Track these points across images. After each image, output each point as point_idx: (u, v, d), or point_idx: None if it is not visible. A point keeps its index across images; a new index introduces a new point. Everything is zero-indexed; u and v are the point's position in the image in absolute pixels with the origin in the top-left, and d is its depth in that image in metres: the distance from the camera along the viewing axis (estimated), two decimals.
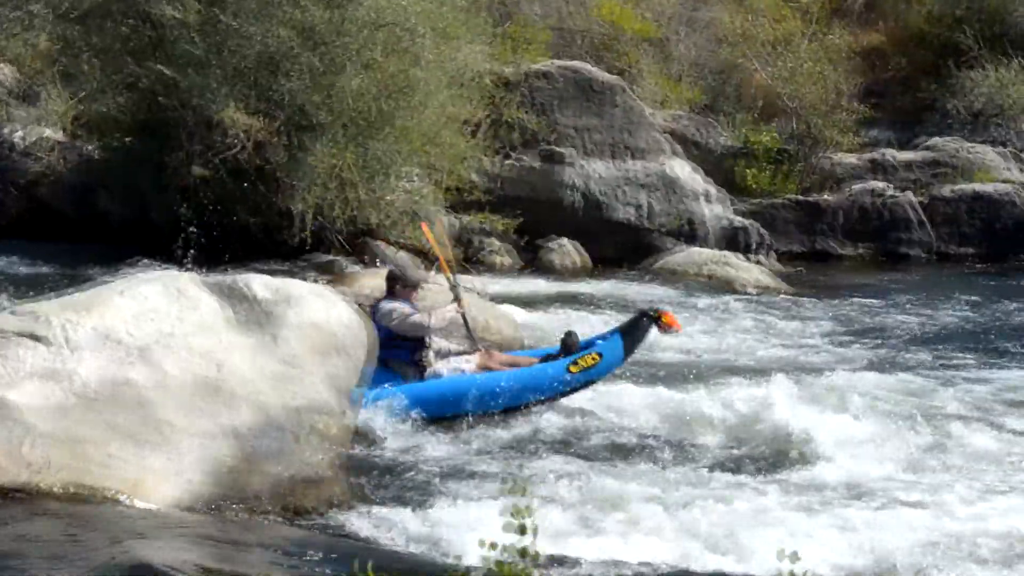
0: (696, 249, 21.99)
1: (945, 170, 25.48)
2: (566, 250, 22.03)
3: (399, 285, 12.47)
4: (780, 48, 27.59)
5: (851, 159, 25.86)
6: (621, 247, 22.44)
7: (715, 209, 23.16)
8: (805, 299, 19.45)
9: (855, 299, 19.46)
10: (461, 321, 12.63)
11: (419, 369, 12.21)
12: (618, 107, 23.11)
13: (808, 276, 21.79)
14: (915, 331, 17.36)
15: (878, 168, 25.60)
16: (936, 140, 27.11)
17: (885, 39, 35.96)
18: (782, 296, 19.83)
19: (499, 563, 4.80)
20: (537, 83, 23.06)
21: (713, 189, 23.41)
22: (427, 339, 12.27)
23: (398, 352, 12.11)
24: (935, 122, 31.53)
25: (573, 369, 12.22)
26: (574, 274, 21.19)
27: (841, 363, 15.18)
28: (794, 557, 4.77)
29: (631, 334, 12.51)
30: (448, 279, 12.95)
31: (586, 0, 29.70)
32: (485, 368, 12.28)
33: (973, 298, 19.44)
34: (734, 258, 21.52)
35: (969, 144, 26.56)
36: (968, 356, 15.72)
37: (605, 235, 22.43)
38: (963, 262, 23.06)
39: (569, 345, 12.44)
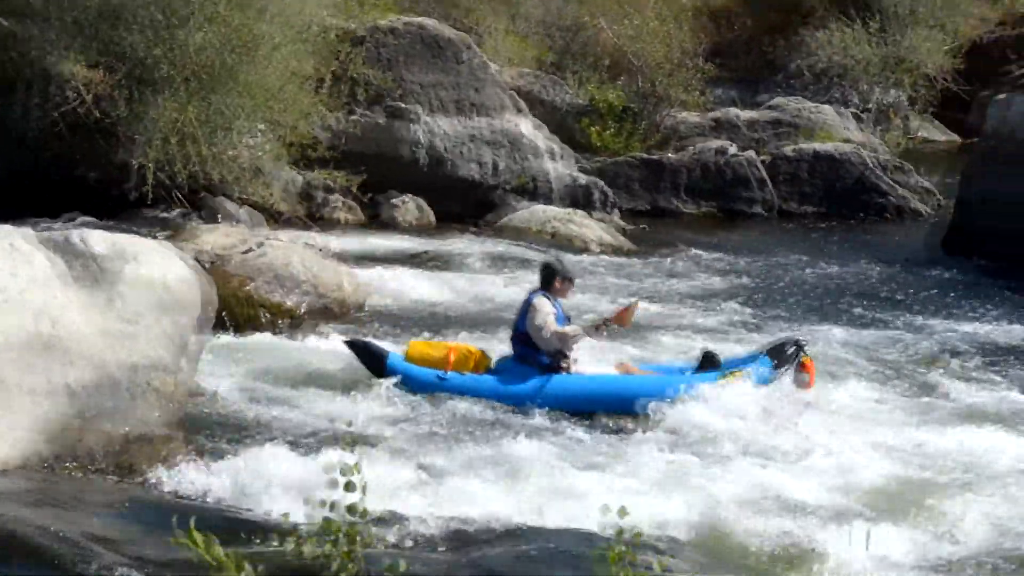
0: (540, 207, 22.04)
1: (788, 129, 25.83)
2: (410, 207, 21.96)
3: (558, 279, 12.02)
4: (627, 6, 27.71)
5: (695, 118, 26.09)
6: (466, 204, 22.42)
7: (560, 167, 23.24)
8: (647, 257, 19.67)
9: (695, 255, 19.73)
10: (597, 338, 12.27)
11: (553, 370, 11.89)
12: (464, 64, 23.04)
13: (651, 234, 21.98)
14: (751, 287, 17.66)
15: (722, 127, 25.87)
16: (779, 100, 27.46)
17: None
18: (626, 254, 20.02)
19: (327, 520, 4.80)
20: (383, 39, 22.89)
21: (558, 147, 23.48)
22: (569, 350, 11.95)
23: (540, 356, 11.88)
24: (779, 82, 31.97)
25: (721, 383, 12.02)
26: (418, 231, 21.15)
27: (679, 318, 15.44)
28: (622, 511, 4.82)
29: (779, 359, 12.21)
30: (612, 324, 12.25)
31: None
32: None
33: (810, 257, 19.79)
34: (578, 216, 21.62)
35: (812, 104, 26.94)
36: (802, 311, 16.05)
37: (450, 192, 22.38)
38: (804, 220, 23.40)
39: (714, 362, 12.16)
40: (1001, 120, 19.89)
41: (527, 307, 11.83)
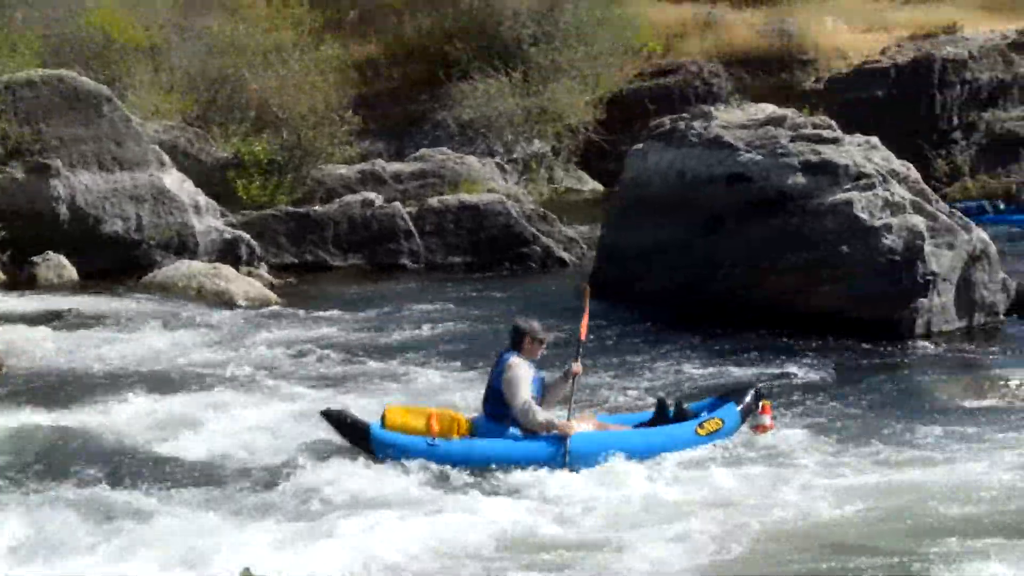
0: (187, 262, 21.70)
1: (434, 181, 26.11)
2: (53, 264, 21.37)
3: (527, 339, 12.01)
4: (271, 58, 27.65)
5: (342, 170, 26.16)
6: (113, 261, 21.94)
7: (207, 221, 22.97)
8: (295, 310, 19.58)
9: (342, 309, 19.70)
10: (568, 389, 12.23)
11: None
12: (105, 117, 22.57)
13: (300, 287, 21.91)
14: (397, 340, 17.73)
15: (369, 179, 25.99)
16: (425, 151, 27.75)
17: (379, 51, 36.73)
18: (273, 308, 19.89)
19: None
20: (21, 92, 22.28)
21: (204, 201, 23.21)
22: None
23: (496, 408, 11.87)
24: (427, 133, 32.41)
25: (700, 432, 12.24)
26: (61, 290, 20.58)
27: (312, 375, 15.44)
28: (246, 573, 4.80)
29: (743, 404, 12.59)
30: (581, 343, 12.52)
31: (77, 7, 28.97)
32: None
33: (459, 307, 19.97)
34: (226, 270, 21.37)
35: (456, 155, 27.32)
36: (451, 361, 16.19)
37: (96, 249, 21.88)
38: (452, 271, 23.65)
39: (682, 411, 12.36)
40: (638, 169, 20.52)
41: (502, 366, 11.85)
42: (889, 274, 17.39)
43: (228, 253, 22.53)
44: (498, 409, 11.87)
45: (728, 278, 18.50)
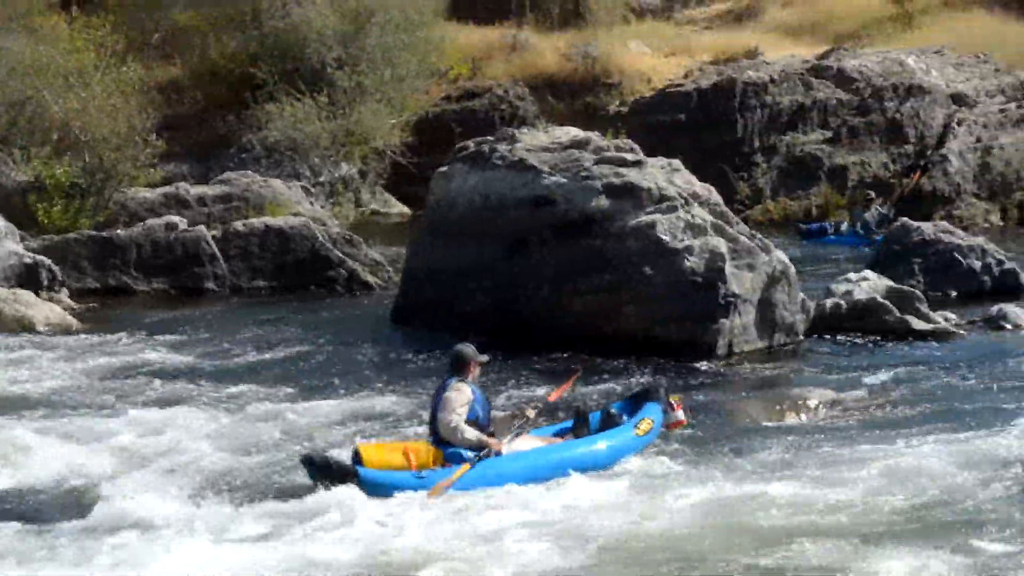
0: None
1: (238, 204, 25.86)
2: None
3: (472, 363, 12.42)
4: (72, 80, 27.12)
5: (147, 193, 25.78)
6: None
7: (7, 246, 22.42)
8: (97, 336, 19.26)
9: (145, 333, 19.43)
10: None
11: (487, 451, 12.11)
12: None
13: (103, 312, 21.52)
14: (201, 364, 17.54)
15: (174, 202, 25.65)
16: (229, 174, 27.47)
17: (184, 73, 36.25)
18: (75, 333, 19.54)
19: None
20: None
21: (3, 225, 22.68)
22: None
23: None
24: (232, 156, 32.07)
25: (639, 433, 12.83)
26: None
27: (111, 400, 15.21)
28: None
29: (663, 403, 13.25)
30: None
31: None
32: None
33: (263, 332, 19.80)
34: (26, 295, 20.92)
35: (261, 179, 27.08)
36: (255, 385, 16.07)
37: None
38: (257, 295, 23.40)
39: (611, 416, 12.96)
40: (443, 192, 20.53)
41: (448, 390, 12.17)
42: (691, 295, 17.67)
43: (29, 278, 22.01)
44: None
45: (535, 301, 18.62)
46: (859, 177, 34.18)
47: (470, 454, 11.97)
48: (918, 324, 19.24)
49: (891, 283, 20.21)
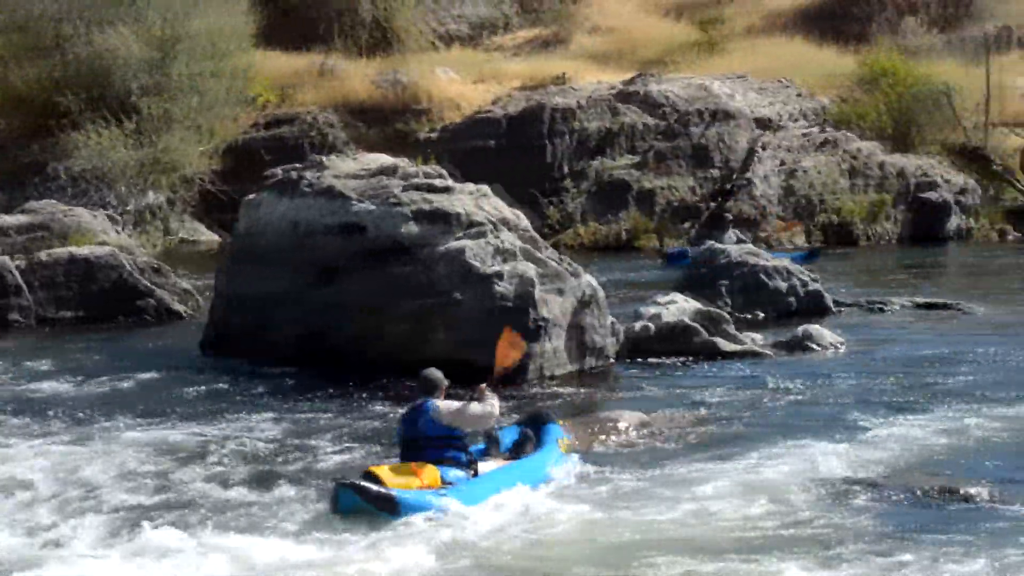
0: None
1: (43, 233, 25.28)
2: None
3: (437, 390, 12.57)
4: None
5: None
6: None
7: None
8: None
9: None
10: None
11: (472, 469, 12.30)
12: None
13: None
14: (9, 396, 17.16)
15: None
16: (34, 203, 26.88)
17: None
18: None
19: None
20: None
21: None
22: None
23: (456, 454, 12.21)
24: (39, 184, 31.44)
25: (563, 450, 13.23)
26: None
27: None
28: None
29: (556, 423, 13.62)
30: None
31: None
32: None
33: (71, 366, 19.37)
34: None
35: (66, 207, 26.55)
36: (59, 417, 15.75)
37: None
38: (64, 326, 22.93)
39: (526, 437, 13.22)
40: (252, 219, 20.34)
41: (431, 412, 12.19)
42: (502, 320, 17.70)
43: None
44: (444, 452, 12.14)
45: (347, 328, 18.52)
46: (667, 201, 34.79)
47: (459, 472, 12.13)
48: (726, 346, 19.56)
49: (699, 305, 20.51)
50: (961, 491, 12.42)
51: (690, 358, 19.25)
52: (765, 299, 22.95)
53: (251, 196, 20.74)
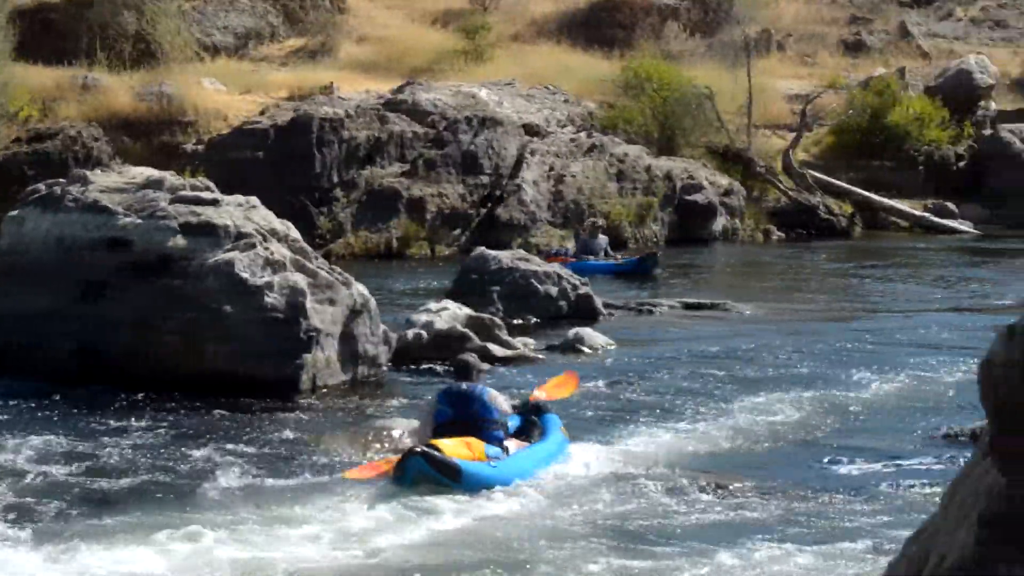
0: None
1: None
2: None
3: (475, 371, 14.01)
4: None
5: None
6: None
7: None
8: None
9: None
10: None
11: (504, 449, 13.35)
12: None
13: None
14: None
15: None
16: None
17: None
18: None
19: None
20: None
21: None
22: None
23: (498, 434, 13.40)
24: None
25: (565, 435, 14.18)
26: None
27: None
28: None
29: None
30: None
31: None
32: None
33: None
34: None
35: None
36: None
37: None
38: None
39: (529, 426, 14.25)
40: (15, 236, 19.87)
41: (484, 396, 13.49)
42: (273, 332, 17.64)
43: None
44: (491, 432, 13.29)
45: (118, 343, 18.19)
46: (437, 209, 34.95)
47: (497, 450, 13.20)
48: (498, 351, 19.75)
49: (471, 312, 20.68)
50: (724, 484, 12.83)
51: None
52: (536, 304, 23.23)
53: (13, 212, 20.25)
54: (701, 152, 41.40)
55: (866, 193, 41.27)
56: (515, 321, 22.42)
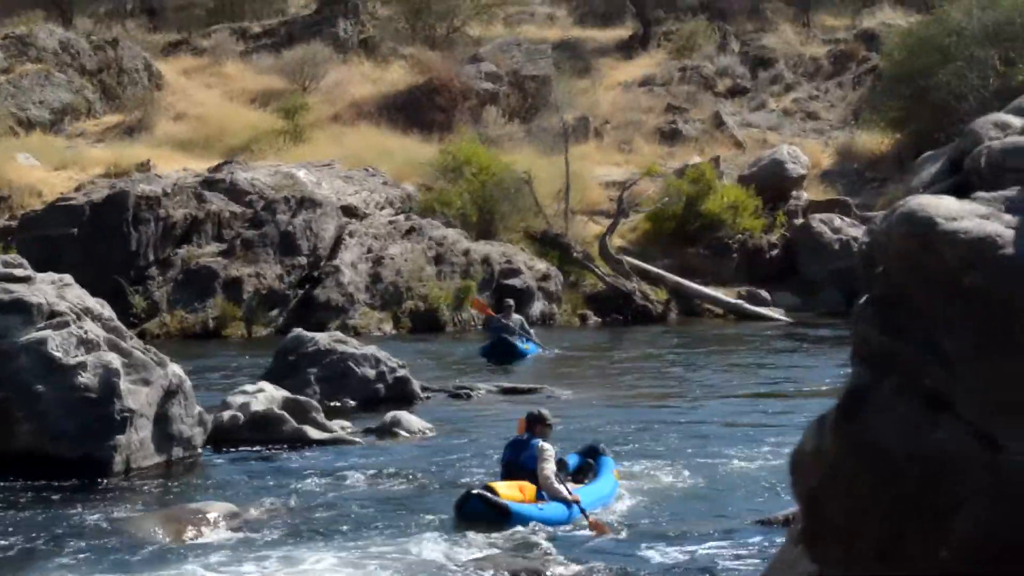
0: None
1: None
2: None
3: (540, 425, 14.97)
4: None
5: None
6: None
7: None
8: None
9: None
10: None
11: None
12: None
13: None
14: None
15: None
16: None
17: None
18: None
19: None
20: None
21: None
22: None
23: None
24: None
25: (617, 478, 15.89)
26: None
27: None
28: None
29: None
30: None
31: None
32: None
33: None
34: None
35: None
36: None
37: None
38: None
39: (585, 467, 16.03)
40: None
41: (535, 450, 14.58)
42: (86, 412, 17.32)
43: None
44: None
45: None
46: (255, 289, 34.70)
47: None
48: (315, 434, 19.64)
49: (288, 393, 20.54)
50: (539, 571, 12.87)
51: (280, 447, 19.25)
52: (353, 386, 23.14)
53: None
54: (519, 236, 41.66)
55: (680, 280, 41.76)
56: (332, 403, 22.30)
